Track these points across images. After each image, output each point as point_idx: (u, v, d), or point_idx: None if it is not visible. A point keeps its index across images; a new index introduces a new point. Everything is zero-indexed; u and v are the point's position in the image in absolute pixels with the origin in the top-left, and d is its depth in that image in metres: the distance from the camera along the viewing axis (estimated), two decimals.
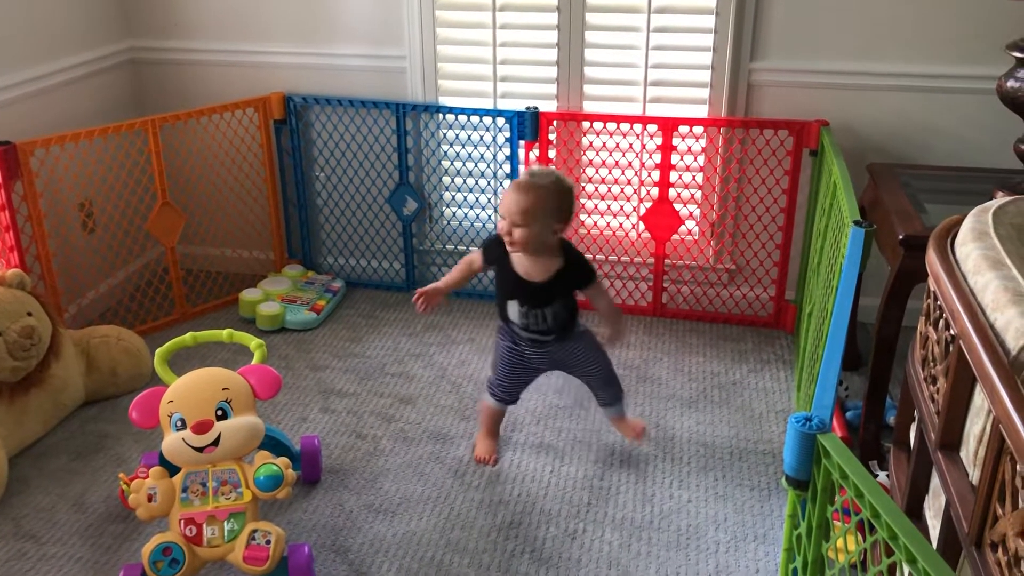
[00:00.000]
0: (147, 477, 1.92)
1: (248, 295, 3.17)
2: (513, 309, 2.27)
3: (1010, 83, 2.30)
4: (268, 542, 1.88)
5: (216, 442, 1.90)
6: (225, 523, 1.90)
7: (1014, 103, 2.31)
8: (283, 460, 1.94)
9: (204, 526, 1.89)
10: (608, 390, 2.42)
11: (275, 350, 2.97)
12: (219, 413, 1.93)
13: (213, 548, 1.90)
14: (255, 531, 1.89)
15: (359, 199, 3.35)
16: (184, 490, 1.91)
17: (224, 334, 2.19)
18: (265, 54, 3.23)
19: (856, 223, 2.00)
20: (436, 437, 2.54)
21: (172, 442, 1.91)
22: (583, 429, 2.56)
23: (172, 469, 1.94)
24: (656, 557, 2.10)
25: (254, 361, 2.10)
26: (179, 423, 1.92)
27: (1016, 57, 2.28)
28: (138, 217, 3.14)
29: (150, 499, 1.89)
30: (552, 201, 2.15)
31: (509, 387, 2.39)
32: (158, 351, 2.14)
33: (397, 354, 2.97)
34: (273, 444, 2.22)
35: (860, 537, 1.82)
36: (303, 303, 3.17)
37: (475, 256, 2.35)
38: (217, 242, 3.44)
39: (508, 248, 2.20)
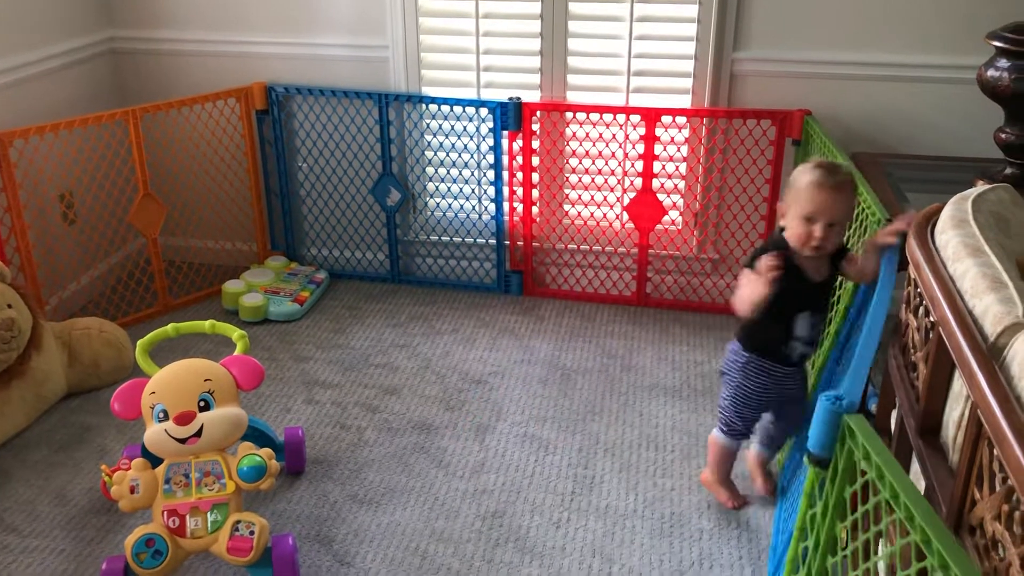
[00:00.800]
0: (129, 469, 1.91)
1: (231, 286, 3.16)
2: (804, 322, 2.02)
3: (990, 72, 2.32)
4: (252, 533, 1.88)
5: (199, 433, 1.89)
6: (208, 514, 1.89)
7: (994, 92, 2.33)
8: (266, 451, 1.93)
9: (187, 517, 1.89)
10: (787, 433, 2.21)
11: (258, 341, 2.96)
12: (202, 404, 1.92)
13: (196, 539, 1.89)
14: (238, 522, 1.89)
15: (342, 190, 3.34)
16: (167, 481, 1.90)
17: (206, 325, 2.18)
18: (247, 44, 3.21)
19: (888, 220, 1.99)
20: (420, 427, 2.54)
21: (154, 433, 1.90)
22: (567, 419, 2.57)
23: (155, 460, 1.94)
24: (640, 545, 2.11)
25: (236, 352, 2.09)
26: (161, 414, 1.91)
27: (996, 47, 2.30)
28: (119, 208, 3.12)
29: (132, 491, 1.88)
30: (855, 197, 2.01)
31: (751, 419, 2.14)
32: (140, 342, 2.13)
33: (381, 345, 2.96)
34: (256, 435, 2.21)
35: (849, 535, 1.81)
36: (286, 294, 3.16)
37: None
38: (199, 233, 3.43)
39: (813, 252, 1.94)
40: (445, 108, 3.11)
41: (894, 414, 1.91)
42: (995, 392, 1.21)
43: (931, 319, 1.59)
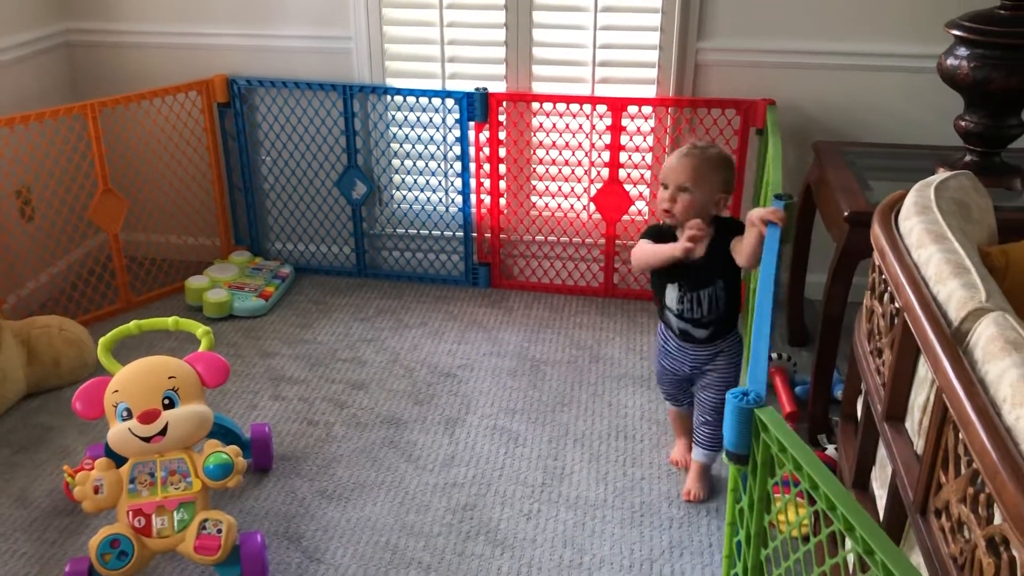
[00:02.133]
0: (92, 469, 1.87)
1: (194, 282, 3.11)
2: (671, 294, 2.14)
3: (950, 61, 2.34)
4: (219, 531, 1.86)
5: (163, 431, 1.86)
6: (175, 513, 1.87)
7: (953, 81, 2.35)
8: (233, 448, 1.91)
9: (153, 517, 1.86)
10: (717, 425, 2.16)
11: (223, 338, 2.92)
12: (166, 402, 1.89)
13: (163, 539, 1.86)
14: (206, 520, 1.87)
15: (307, 183, 3.31)
16: (132, 481, 1.87)
17: (169, 322, 2.14)
18: (207, 36, 3.16)
19: (777, 196, 2.02)
20: (389, 422, 2.52)
21: (118, 432, 1.87)
22: (537, 410, 2.57)
23: (119, 460, 1.91)
24: (611, 535, 2.11)
25: (201, 348, 2.07)
26: (125, 413, 1.88)
27: (955, 35, 2.32)
28: (79, 204, 3.06)
29: (96, 491, 1.86)
30: (719, 168, 2.08)
31: (666, 387, 2.32)
32: (102, 340, 2.09)
33: (348, 339, 2.94)
34: (222, 432, 2.19)
35: (808, 504, 1.84)
36: (251, 290, 3.13)
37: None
38: (161, 229, 3.37)
39: (666, 219, 2.10)
40: (411, 99, 3.09)
41: (860, 400, 1.93)
42: (960, 376, 1.22)
43: (896, 305, 1.60)
